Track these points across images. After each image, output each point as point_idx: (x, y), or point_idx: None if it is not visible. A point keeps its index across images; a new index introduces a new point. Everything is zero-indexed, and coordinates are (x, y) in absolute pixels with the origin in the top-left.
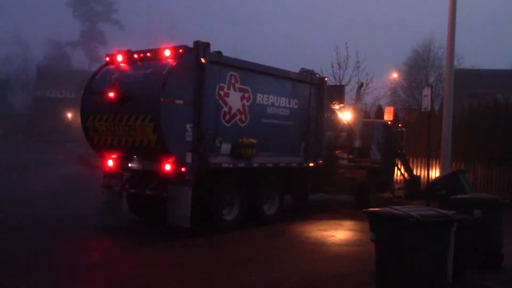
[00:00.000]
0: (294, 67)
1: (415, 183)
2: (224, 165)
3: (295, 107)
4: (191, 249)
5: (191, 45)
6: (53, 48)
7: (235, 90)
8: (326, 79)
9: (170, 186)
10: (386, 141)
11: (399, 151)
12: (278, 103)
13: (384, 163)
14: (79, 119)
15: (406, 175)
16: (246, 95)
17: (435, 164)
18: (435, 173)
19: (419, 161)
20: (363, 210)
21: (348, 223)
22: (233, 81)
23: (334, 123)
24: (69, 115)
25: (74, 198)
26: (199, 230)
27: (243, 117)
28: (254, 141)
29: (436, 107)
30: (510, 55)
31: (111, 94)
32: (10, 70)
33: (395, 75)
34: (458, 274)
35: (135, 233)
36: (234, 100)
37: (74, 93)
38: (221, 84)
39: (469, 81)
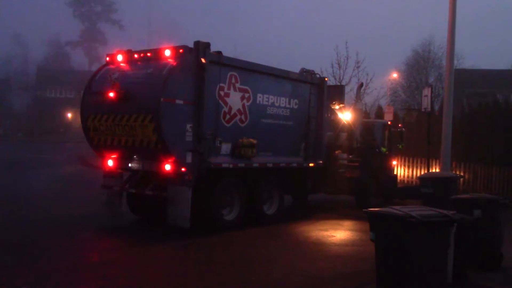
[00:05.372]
0: (294, 67)
1: (391, 182)
2: (224, 165)
3: (295, 107)
4: (191, 249)
5: (191, 45)
6: (53, 48)
7: (235, 90)
8: (326, 79)
9: (170, 186)
10: (364, 141)
11: (377, 149)
12: (278, 103)
13: (361, 162)
14: (79, 119)
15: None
16: (246, 95)
17: (435, 164)
18: None
19: (419, 161)
20: (363, 210)
21: (348, 223)
22: (233, 81)
23: (334, 123)
24: (69, 115)
25: (74, 198)
26: (199, 230)
27: (243, 117)
28: (254, 141)
29: (436, 107)
30: (510, 55)
31: (111, 94)
32: (10, 70)
33: (395, 75)
34: (458, 274)
35: (135, 233)
36: (234, 100)
37: (74, 93)
38: (221, 84)
39: (469, 81)
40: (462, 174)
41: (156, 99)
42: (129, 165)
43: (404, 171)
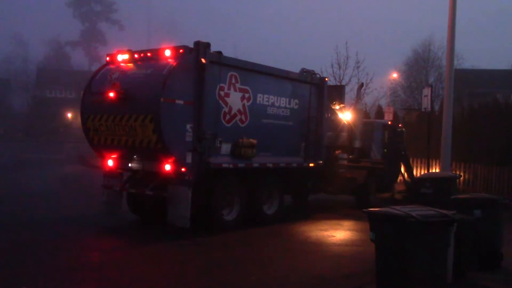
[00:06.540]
0: (294, 67)
1: (415, 187)
2: (224, 165)
3: (295, 107)
4: (191, 249)
5: (191, 45)
6: (53, 48)
7: (235, 90)
8: (326, 79)
9: (170, 186)
10: (390, 142)
11: (403, 152)
12: (278, 103)
13: (387, 164)
14: (79, 119)
15: (407, 177)
16: (246, 95)
17: (435, 164)
18: None
19: (419, 161)
20: (363, 210)
21: (348, 223)
22: (233, 81)
23: (334, 123)
24: (69, 115)
25: (74, 198)
26: (199, 230)
27: (243, 117)
28: (254, 141)
29: (436, 107)
30: (510, 55)
31: (111, 94)
32: (10, 70)
33: (395, 75)
34: (458, 274)
35: (135, 233)
36: (234, 100)
37: (74, 93)
38: (221, 84)
39: (469, 81)
40: (461, 174)
41: (156, 99)
42: (129, 165)
43: (403, 171)
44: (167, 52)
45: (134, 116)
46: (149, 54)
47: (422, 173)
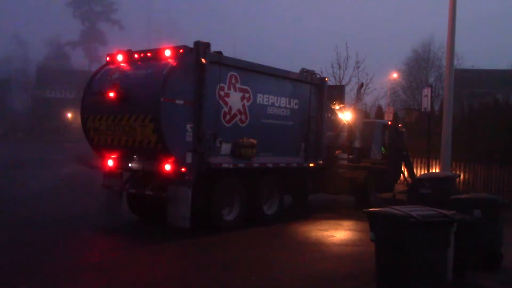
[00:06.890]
0: (294, 67)
1: (415, 187)
2: (224, 165)
3: (295, 107)
4: (191, 249)
5: (191, 45)
6: (53, 48)
7: (235, 90)
8: (326, 79)
9: (170, 186)
10: (392, 142)
11: (404, 153)
12: (278, 103)
13: (388, 164)
14: (79, 119)
15: (408, 177)
16: (247, 95)
17: (435, 164)
18: None
19: (419, 161)
20: (363, 210)
21: (348, 223)
22: (233, 81)
23: (334, 123)
24: (69, 115)
25: (74, 198)
26: (199, 230)
27: (243, 117)
28: (254, 141)
29: (436, 107)
30: (510, 55)
31: (111, 94)
32: (10, 70)
33: (395, 75)
34: (458, 274)
35: (135, 233)
36: (234, 100)
37: (74, 93)
38: (222, 84)
39: (469, 81)
40: (461, 173)
41: (156, 99)
42: (129, 165)
43: (404, 171)
44: (167, 52)
45: (134, 116)
46: (149, 54)
47: (422, 173)
